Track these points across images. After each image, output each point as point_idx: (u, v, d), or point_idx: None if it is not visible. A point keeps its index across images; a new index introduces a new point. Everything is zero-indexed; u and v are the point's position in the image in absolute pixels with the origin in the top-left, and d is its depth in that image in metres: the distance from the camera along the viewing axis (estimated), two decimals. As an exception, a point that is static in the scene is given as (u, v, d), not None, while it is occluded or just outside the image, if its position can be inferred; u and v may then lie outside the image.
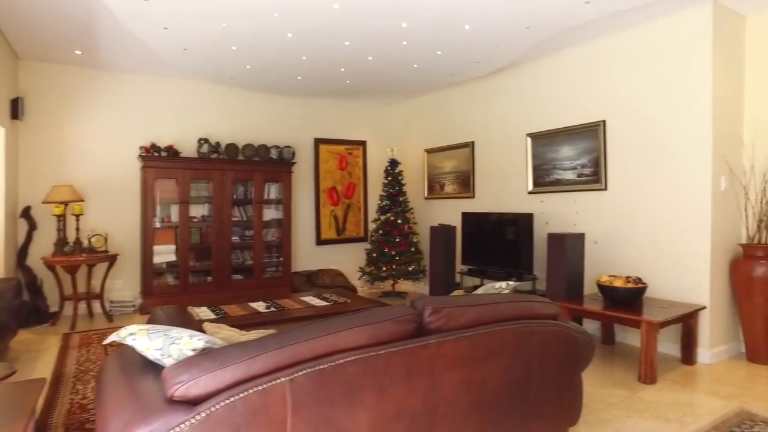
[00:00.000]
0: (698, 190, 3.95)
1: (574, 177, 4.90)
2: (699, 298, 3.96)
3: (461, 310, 2.03)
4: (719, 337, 4.03)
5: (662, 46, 4.18)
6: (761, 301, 3.86)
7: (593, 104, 4.71)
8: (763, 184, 4.01)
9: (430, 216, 7.01)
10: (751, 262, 3.88)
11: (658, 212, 4.22)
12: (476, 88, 6.12)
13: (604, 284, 3.89)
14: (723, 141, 3.99)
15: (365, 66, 5.24)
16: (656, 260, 4.22)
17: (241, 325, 3.61)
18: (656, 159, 4.22)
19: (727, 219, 4.07)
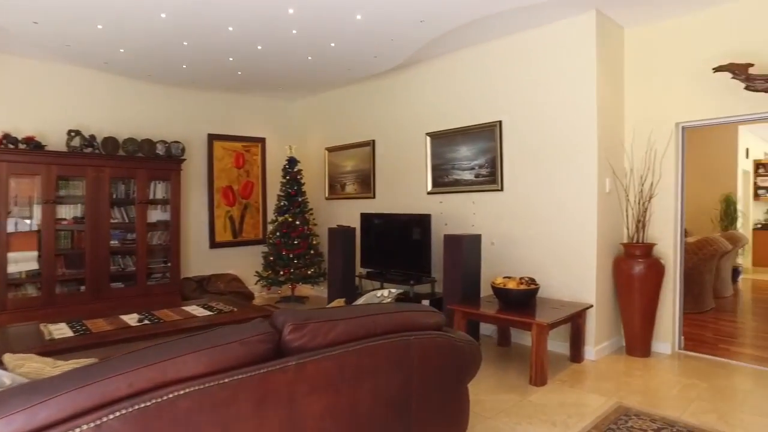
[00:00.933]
0: (585, 192, 4.04)
1: (472, 177, 4.88)
2: (587, 296, 4.05)
3: (329, 325, 1.79)
4: (604, 333, 4.16)
5: (552, 52, 4.25)
6: (639, 297, 4.02)
7: (490, 105, 4.71)
8: (640, 186, 4.19)
9: (331, 217, 6.76)
10: (631, 261, 4.03)
11: (550, 213, 4.27)
12: (377, 85, 5.96)
13: (498, 286, 3.86)
14: (607, 145, 4.12)
15: (256, 56, 4.87)
16: (549, 260, 4.28)
17: (95, 345, 3.17)
18: (548, 161, 4.28)
19: (611, 219, 4.21)
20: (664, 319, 4.21)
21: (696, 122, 4.10)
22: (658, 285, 4.05)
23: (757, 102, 3.69)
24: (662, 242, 4.19)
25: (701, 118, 4.02)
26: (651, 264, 3.99)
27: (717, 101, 3.90)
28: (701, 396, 3.31)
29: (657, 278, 4.04)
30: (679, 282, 4.25)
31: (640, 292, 4.02)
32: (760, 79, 3.54)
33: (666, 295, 4.19)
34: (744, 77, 3.59)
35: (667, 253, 4.18)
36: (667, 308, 4.21)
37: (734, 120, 3.95)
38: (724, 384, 3.53)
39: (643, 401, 3.21)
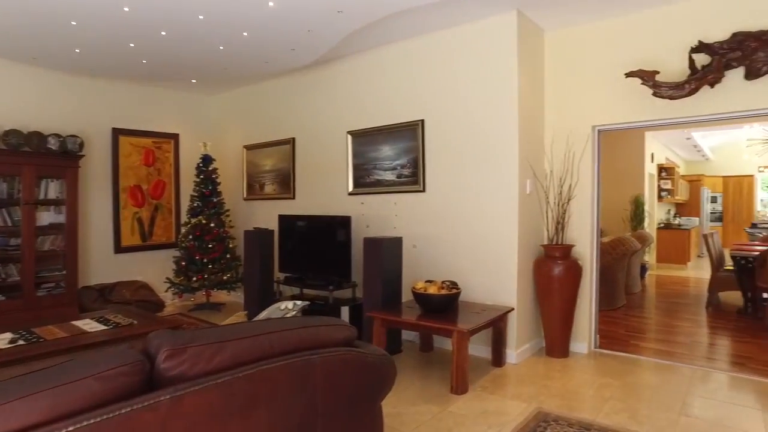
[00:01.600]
0: (507, 193, 4.01)
1: (394, 178, 4.73)
2: (508, 299, 4.02)
3: (214, 347, 1.54)
4: (525, 335, 4.15)
5: (474, 51, 4.19)
6: (558, 298, 4.05)
7: (413, 103, 4.58)
8: (559, 188, 4.23)
9: (249, 218, 6.39)
10: (550, 263, 4.04)
11: (472, 214, 4.21)
12: (298, 81, 5.68)
13: (419, 291, 3.73)
14: (528, 146, 4.11)
15: (160, 43, 4.44)
16: (471, 263, 4.22)
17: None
18: (470, 162, 4.22)
19: (532, 221, 4.21)
20: (581, 319, 4.28)
21: (611, 126, 4.19)
22: (576, 286, 4.10)
23: (665, 108, 3.81)
24: (580, 243, 4.25)
25: (616, 122, 4.11)
26: (570, 265, 4.03)
27: (630, 106, 4.00)
28: (615, 395, 3.34)
29: (575, 279, 4.08)
30: (595, 282, 4.33)
31: (559, 294, 4.04)
32: (665, 86, 3.65)
33: (583, 295, 4.26)
34: (651, 83, 3.69)
35: (585, 254, 4.24)
36: (584, 308, 4.28)
37: (645, 125, 4.07)
38: (634, 381, 3.61)
39: (561, 405, 3.19)
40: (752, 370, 3.87)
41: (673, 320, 5.56)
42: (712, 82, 3.56)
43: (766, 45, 3.43)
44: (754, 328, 5.22)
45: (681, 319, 5.59)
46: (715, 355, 4.35)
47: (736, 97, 3.60)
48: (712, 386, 3.54)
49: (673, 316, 5.76)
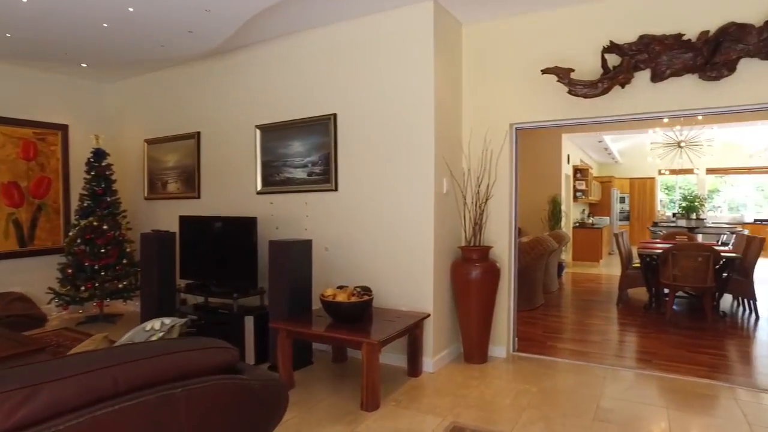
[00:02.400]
0: (423, 193, 3.80)
1: (305, 176, 4.40)
2: (425, 304, 3.81)
3: (22, 394, 1.15)
4: (442, 342, 3.96)
5: (389, 42, 3.95)
6: (476, 302, 3.90)
7: (324, 96, 4.27)
8: (477, 187, 4.09)
9: (151, 220, 5.79)
10: (468, 265, 3.88)
11: (387, 215, 3.97)
12: (204, 69, 5.19)
13: (327, 299, 3.42)
14: (444, 144, 3.93)
15: (22, 13, 3.80)
16: (387, 267, 3.97)
17: None
18: (385, 159, 3.97)
19: (449, 222, 4.04)
20: (499, 323, 4.16)
21: (529, 124, 4.10)
22: (494, 289, 3.97)
23: (580, 108, 3.77)
24: (498, 244, 4.13)
25: (534, 120, 4.03)
26: (487, 268, 3.89)
27: (547, 104, 3.92)
28: (532, 403, 3.22)
29: (493, 282, 3.95)
30: (513, 284, 4.23)
31: (477, 298, 3.90)
32: (580, 84, 3.60)
33: (501, 298, 4.15)
34: (567, 81, 3.63)
35: (503, 256, 4.13)
36: (502, 311, 4.17)
37: (562, 123, 4.01)
38: (551, 386, 3.52)
39: (478, 417, 3.01)
40: (657, 366, 3.93)
41: (587, 318, 5.65)
42: (623, 83, 3.54)
43: (669, 49, 3.45)
44: (658, 322, 5.39)
45: (594, 317, 5.68)
46: (625, 353, 4.40)
47: (643, 99, 3.61)
48: (623, 386, 3.52)
49: (587, 314, 5.85)
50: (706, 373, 3.81)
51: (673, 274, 5.36)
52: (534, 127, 4.14)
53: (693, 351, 4.38)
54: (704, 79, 3.39)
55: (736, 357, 4.31)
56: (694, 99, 3.48)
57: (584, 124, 3.96)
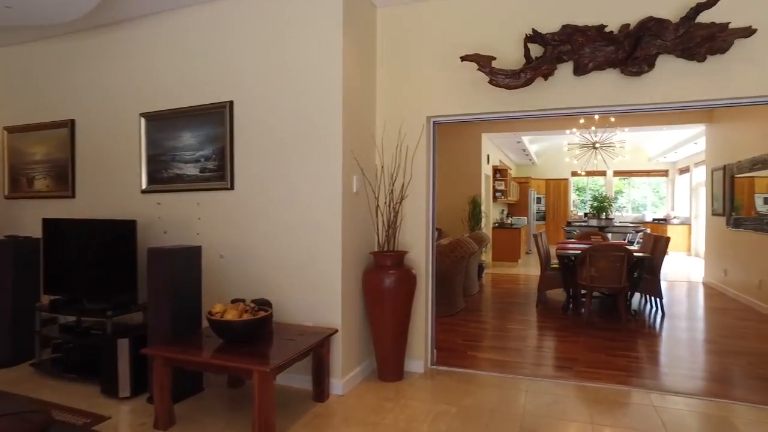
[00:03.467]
0: (330, 192, 3.36)
1: (197, 172, 3.81)
2: (332, 318, 3.37)
3: None
4: (353, 359, 3.54)
5: (292, 21, 3.47)
6: (390, 314, 3.52)
7: (219, 81, 3.71)
8: (391, 186, 3.71)
9: (14, 223, 4.88)
10: (381, 273, 3.49)
11: (290, 218, 3.48)
12: (79, 45, 4.41)
13: (215, 317, 2.88)
14: (355, 137, 3.52)
15: None
16: (290, 276, 3.49)
17: None
18: (288, 154, 3.49)
19: (360, 225, 3.63)
20: (416, 335, 3.82)
21: (448, 117, 3.79)
22: (410, 298, 3.61)
23: (502, 101, 3.51)
24: (414, 249, 3.78)
25: (453, 113, 3.71)
26: (403, 275, 3.52)
27: (468, 96, 3.63)
28: (451, 427, 2.88)
29: (409, 290, 3.59)
30: (431, 292, 3.91)
31: (391, 308, 3.51)
32: (502, 74, 3.33)
33: (419, 307, 3.80)
34: (488, 70, 3.34)
35: (419, 261, 3.79)
36: (419, 322, 3.82)
37: (483, 117, 3.73)
38: (472, 404, 3.21)
39: (389, 450, 2.62)
40: (578, 374, 3.76)
41: (507, 323, 5.47)
42: (546, 74, 3.31)
43: (592, 40, 3.27)
44: (576, 324, 5.33)
45: (514, 321, 5.52)
46: (546, 360, 4.21)
47: (567, 93, 3.41)
48: (546, 400, 3.28)
49: (507, 318, 5.69)
50: (624, 379, 3.69)
51: (591, 275, 5.31)
52: (454, 121, 3.84)
53: (611, 354, 4.28)
54: (626, 74, 3.23)
55: (649, 359, 4.26)
56: (616, 95, 3.31)
57: (507, 119, 3.70)
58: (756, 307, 6.19)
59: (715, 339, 4.87)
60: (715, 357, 4.31)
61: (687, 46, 3.13)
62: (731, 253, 7.18)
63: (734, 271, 7.04)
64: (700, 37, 3.11)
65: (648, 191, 15.90)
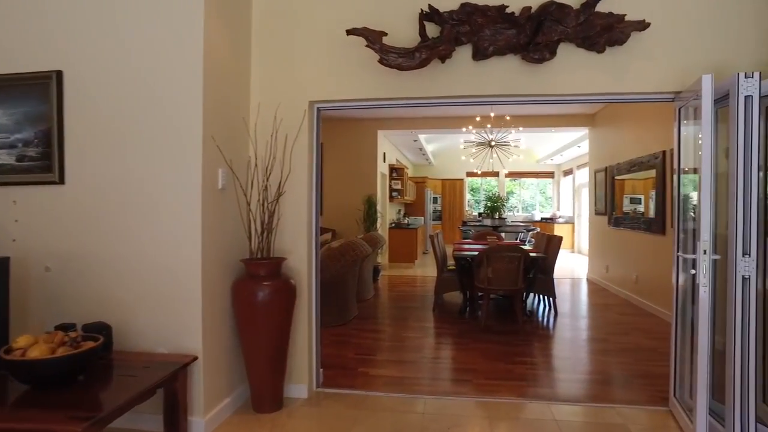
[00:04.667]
0: (187, 188, 2.71)
1: (12, 161, 2.95)
2: (191, 342, 2.72)
3: None
4: (220, 390, 2.92)
5: (140, -29, 2.77)
6: (265, 332, 2.96)
7: (44, 44, 2.89)
8: (265, 182, 3.13)
9: None
10: (254, 284, 2.92)
11: (136, 218, 2.78)
12: None
13: (9, 357, 2.12)
14: (221, 123, 2.91)
15: None
16: (137, 292, 2.78)
17: None
18: (135, 141, 2.78)
19: (228, 227, 3.02)
20: (298, 355, 3.29)
21: (334, 103, 3.31)
22: (289, 312, 3.07)
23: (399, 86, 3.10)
24: (294, 254, 3.25)
25: (340, 98, 3.24)
26: (280, 286, 2.97)
27: (357, 79, 3.18)
28: (335, 469, 2.40)
29: (288, 303, 3.05)
30: (315, 304, 3.40)
31: (266, 325, 2.95)
32: (394, 52, 2.91)
33: (300, 322, 3.28)
34: (378, 47, 2.90)
35: (300, 268, 3.26)
36: (301, 340, 3.30)
37: (376, 104, 3.29)
38: (362, 436, 2.76)
39: None
40: (478, 388, 3.48)
41: (403, 330, 5.12)
42: (443, 56, 2.95)
43: (492, 22, 2.97)
44: (474, 329, 5.12)
45: (410, 328, 5.18)
46: (444, 374, 3.89)
47: (465, 79, 3.08)
48: (445, 422, 2.92)
49: (403, 325, 5.34)
50: (524, 389, 3.48)
51: (488, 277, 5.12)
52: (340, 107, 3.36)
53: (509, 362, 4.07)
54: (528, 60, 2.96)
55: (547, 364, 4.12)
56: (517, 83, 3.04)
57: (401, 105, 3.28)
58: (633, 301, 6.45)
59: (605, 337, 4.90)
60: (607, 357, 4.27)
61: (587, 34, 2.94)
62: (612, 250, 7.50)
63: (615, 268, 7.35)
64: (600, 26, 2.93)
65: (536, 192, 16.70)
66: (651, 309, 5.93)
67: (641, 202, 6.84)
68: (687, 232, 3.02)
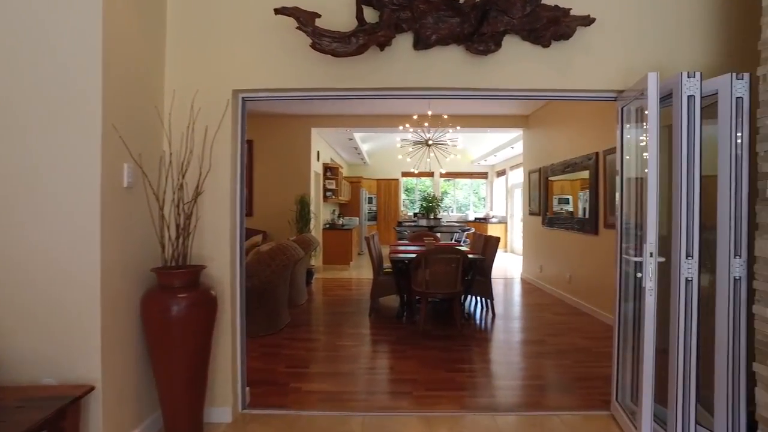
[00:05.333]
0: (83, 186, 2.28)
1: None
2: (87, 369, 2.30)
3: None
4: (125, 421, 2.51)
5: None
6: (180, 351, 2.58)
7: None
8: (180, 179, 2.74)
9: None
10: (167, 297, 2.53)
11: (17, 220, 2.31)
12: None
13: None
14: (126, 111, 2.49)
15: None
16: (16, 313, 2.30)
17: None
18: (19, 128, 2.30)
19: (137, 232, 2.61)
20: (220, 374, 2.92)
21: (262, 93, 2.97)
22: (209, 326, 2.71)
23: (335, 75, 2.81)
24: (216, 262, 2.88)
25: (267, 87, 2.90)
26: (198, 297, 2.60)
27: (288, 65, 2.86)
28: None
29: (207, 317, 2.68)
30: (240, 316, 3.04)
31: (182, 343, 2.57)
32: (328, 36, 2.62)
33: (222, 337, 2.91)
34: (311, 30, 2.60)
35: (222, 277, 2.90)
36: (223, 357, 2.93)
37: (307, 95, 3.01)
38: (293, 465, 2.45)
39: None
40: (418, 401, 3.27)
41: (337, 338, 4.83)
42: (383, 43, 2.70)
43: (435, 9, 2.76)
44: (412, 334, 4.92)
45: (346, 336, 4.91)
46: (382, 385, 3.65)
47: (405, 70, 2.86)
48: (385, 443, 2.68)
49: (338, 332, 5.06)
50: (467, 400, 3.33)
51: (426, 279, 4.94)
52: (269, 98, 3.03)
53: (450, 370, 3.90)
54: (472, 51, 2.78)
55: (488, 371, 3.99)
56: (461, 75, 2.86)
57: (336, 96, 3.00)
58: (567, 301, 6.54)
59: (542, 338, 4.86)
60: (546, 360, 4.20)
61: (533, 26, 2.80)
62: (546, 250, 7.60)
63: (549, 267, 7.45)
64: (546, 18, 2.81)
65: (470, 192, 16.93)
66: (585, 308, 6.02)
67: (569, 203, 6.97)
68: (630, 234, 2.95)
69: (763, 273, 2.44)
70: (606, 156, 5.50)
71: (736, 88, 2.53)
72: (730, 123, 2.54)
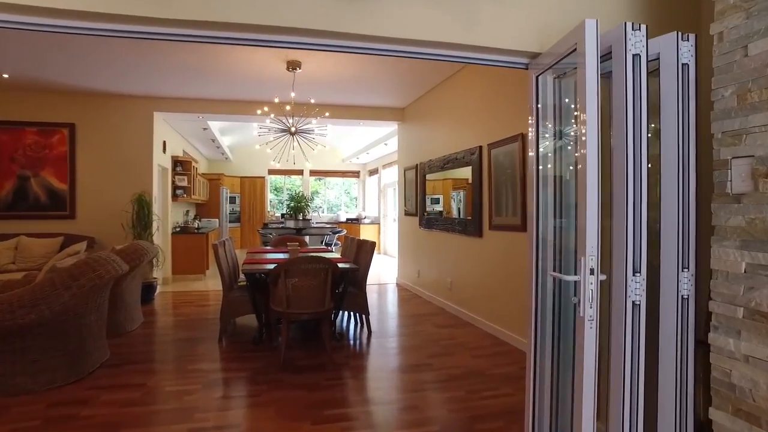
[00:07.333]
0: None
1: None
2: None
3: None
4: None
5: None
6: None
7: None
8: None
9: None
10: None
11: None
12: None
13: None
14: None
15: None
16: None
17: None
18: None
19: None
20: None
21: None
22: None
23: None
24: None
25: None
26: None
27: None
28: None
29: None
30: None
31: None
32: None
33: None
34: None
35: None
36: None
37: (81, 26, 1.85)
38: None
39: None
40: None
41: (172, 380, 3.65)
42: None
43: None
44: (271, 366, 3.91)
45: (185, 374, 3.74)
46: (224, 455, 2.61)
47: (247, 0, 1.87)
48: None
49: (174, 370, 3.87)
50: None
51: (287, 296, 3.96)
52: (17, 26, 1.84)
53: (318, 420, 2.98)
54: (343, -27, 1.89)
55: (367, 418, 3.12)
56: (328, 14, 1.97)
57: (127, 34, 1.89)
58: (449, 309, 6.00)
59: (428, 361, 4.15)
60: (438, 393, 3.47)
61: (429, -49, 1.98)
62: (424, 254, 7.02)
63: (427, 272, 6.88)
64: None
65: (341, 192, 16.18)
66: (468, 318, 5.48)
67: (440, 202, 6.49)
68: (546, 242, 2.28)
69: (721, 291, 1.87)
70: (491, 150, 4.99)
71: (682, 52, 1.96)
72: (677, 97, 1.96)
